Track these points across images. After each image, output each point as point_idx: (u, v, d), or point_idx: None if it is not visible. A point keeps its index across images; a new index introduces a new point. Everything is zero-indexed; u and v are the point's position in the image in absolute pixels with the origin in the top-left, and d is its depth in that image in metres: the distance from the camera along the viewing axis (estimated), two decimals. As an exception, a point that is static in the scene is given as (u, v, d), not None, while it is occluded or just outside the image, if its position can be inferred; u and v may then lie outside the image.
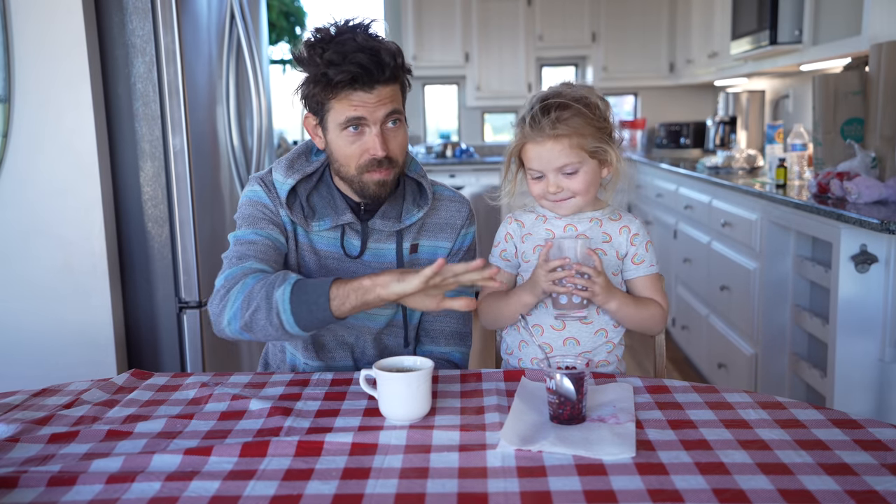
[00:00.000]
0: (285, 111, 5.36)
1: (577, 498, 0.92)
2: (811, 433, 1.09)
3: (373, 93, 1.37)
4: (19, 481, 0.98)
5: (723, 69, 4.46)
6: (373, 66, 1.34)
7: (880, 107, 2.60)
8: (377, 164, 1.41)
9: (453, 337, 1.60)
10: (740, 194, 3.07)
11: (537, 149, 1.36)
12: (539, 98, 1.37)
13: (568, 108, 1.34)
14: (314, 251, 1.51)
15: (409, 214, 1.51)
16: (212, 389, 1.34)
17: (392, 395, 1.17)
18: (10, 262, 2.19)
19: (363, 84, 1.35)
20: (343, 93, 1.37)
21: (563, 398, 1.13)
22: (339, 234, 1.50)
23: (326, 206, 1.49)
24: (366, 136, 1.40)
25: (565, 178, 1.37)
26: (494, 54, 5.65)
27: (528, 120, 1.36)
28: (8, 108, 2.13)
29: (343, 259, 1.52)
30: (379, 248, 1.52)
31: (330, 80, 1.35)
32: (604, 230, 1.43)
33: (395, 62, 1.37)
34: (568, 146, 1.34)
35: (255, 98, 2.67)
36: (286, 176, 1.48)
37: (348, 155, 1.42)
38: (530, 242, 1.44)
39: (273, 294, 1.29)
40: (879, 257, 2.23)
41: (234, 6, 2.57)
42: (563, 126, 1.33)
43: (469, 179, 5.41)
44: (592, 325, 1.42)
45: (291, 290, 1.28)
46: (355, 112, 1.37)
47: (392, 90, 1.39)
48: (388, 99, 1.39)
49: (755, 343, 2.91)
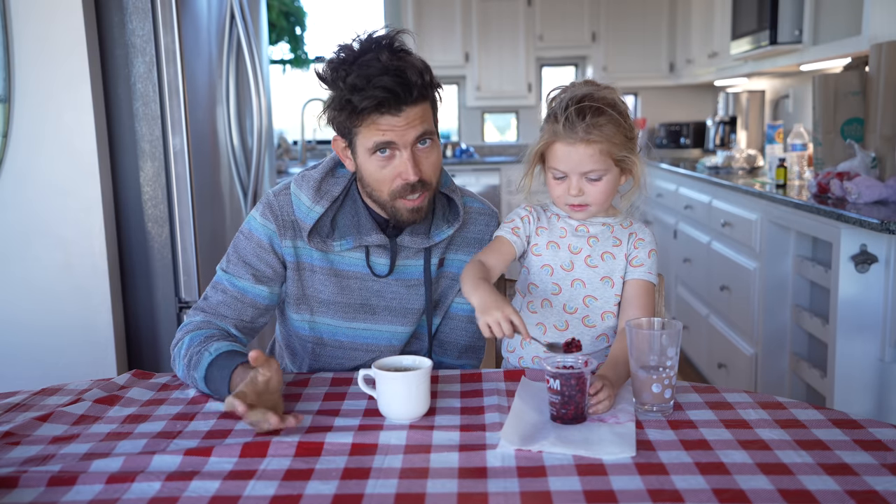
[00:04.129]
0: (285, 111, 5.36)
1: (577, 498, 0.91)
2: (811, 433, 1.09)
3: (401, 115, 1.30)
4: (19, 481, 0.98)
5: (723, 69, 4.46)
6: (399, 88, 1.27)
7: (880, 107, 2.60)
8: (410, 189, 1.34)
9: (466, 350, 1.59)
10: (740, 194, 3.07)
11: (567, 149, 1.34)
12: (574, 99, 1.33)
13: (603, 113, 1.31)
14: (335, 273, 1.46)
15: (438, 230, 1.46)
16: (212, 389, 1.34)
17: (391, 394, 1.16)
18: (10, 262, 2.19)
19: (390, 108, 1.29)
20: (370, 118, 1.30)
21: (565, 398, 1.13)
22: (364, 254, 1.45)
23: (350, 226, 1.43)
24: (396, 159, 1.34)
25: (588, 183, 1.36)
26: (494, 54, 5.65)
27: (563, 120, 1.32)
28: (8, 108, 2.13)
29: (367, 279, 1.46)
30: (406, 264, 1.47)
31: (355, 108, 1.29)
32: (615, 235, 1.44)
33: (422, 80, 1.30)
34: (598, 152, 1.33)
35: (255, 98, 2.67)
36: (314, 201, 1.41)
37: (379, 180, 1.35)
38: (544, 236, 1.44)
39: (194, 375, 1.32)
40: (879, 257, 2.23)
41: (234, 6, 2.57)
42: (597, 132, 1.31)
43: (469, 179, 5.41)
44: (595, 329, 1.43)
45: (203, 378, 1.30)
46: (384, 137, 1.31)
47: (422, 110, 1.32)
48: (417, 120, 1.32)
49: (755, 343, 2.91)
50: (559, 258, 1.42)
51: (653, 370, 1.18)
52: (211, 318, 1.42)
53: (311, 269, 1.46)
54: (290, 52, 5.20)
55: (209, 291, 1.45)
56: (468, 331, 1.57)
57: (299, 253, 1.46)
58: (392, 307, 1.49)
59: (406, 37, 1.36)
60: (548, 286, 1.43)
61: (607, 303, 1.42)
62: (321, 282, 1.46)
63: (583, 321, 1.42)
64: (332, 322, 1.49)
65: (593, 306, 1.41)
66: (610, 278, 1.41)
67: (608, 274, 1.41)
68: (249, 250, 1.45)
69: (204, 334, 1.37)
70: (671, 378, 1.17)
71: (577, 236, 1.42)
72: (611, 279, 1.41)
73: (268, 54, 3.05)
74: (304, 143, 5.25)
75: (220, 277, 1.46)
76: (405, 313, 1.49)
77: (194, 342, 1.36)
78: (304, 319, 1.50)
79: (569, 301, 1.41)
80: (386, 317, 1.49)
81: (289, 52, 5.20)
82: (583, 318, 1.42)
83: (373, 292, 1.47)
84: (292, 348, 1.57)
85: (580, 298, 1.41)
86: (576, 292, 1.41)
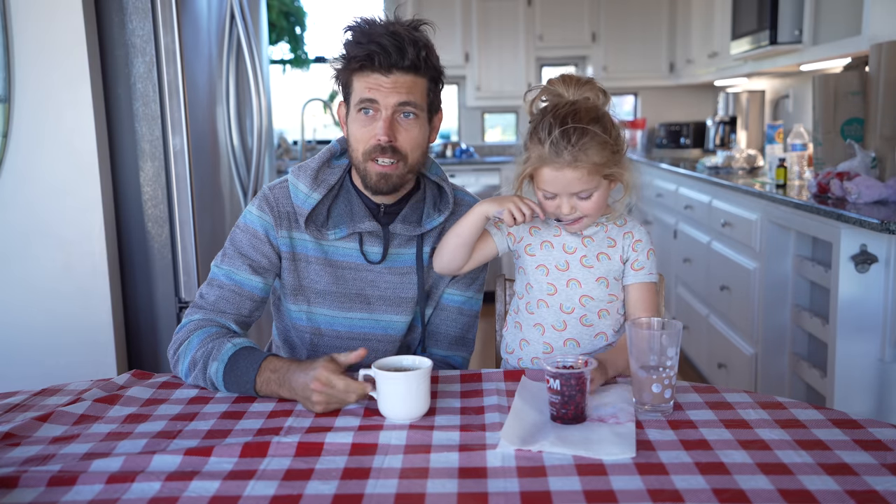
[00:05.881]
0: (285, 111, 5.36)
1: (577, 498, 0.92)
2: (811, 433, 1.09)
3: (389, 77, 1.36)
4: (19, 481, 0.98)
5: (723, 69, 4.45)
6: (392, 48, 1.34)
7: (880, 107, 2.60)
8: (381, 150, 1.39)
9: (456, 341, 1.60)
10: (740, 194, 3.07)
11: (554, 174, 1.33)
12: (557, 119, 1.31)
13: (587, 133, 1.30)
14: (329, 263, 1.49)
15: (429, 218, 1.50)
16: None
17: (392, 394, 1.17)
18: (10, 262, 2.19)
19: (381, 66, 1.35)
20: (362, 72, 1.37)
21: (565, 398, 1.13)
22: (357, 242, 1.49)
23: (343, 214, 1.47)
24: (376, 122, 1.39)
25: (580, 201, 1.36)
26: (494, 54, 5.64)
27: (548, 145, 1.31)
28: (8, 108, 2.13)
29: (361, 268, 1.49)
30: (399, 252, 1.50)
31: (349, 58, 1.37)
32: (609, 235, 1.44)
33: (418, 53, 1.36)
34: (587, 173, 1.32)
35: (255, 98, 2.67)
36: (311, 188, 1.46)
37: (358, 139, 1.41)
38: (538, 236, 1.44)
39: (208, 368, 1.32)
40: (879, 257, 2.23)
41: (234, 6, 2.57)
42: (584, 156, 1.30)
43: (469, 179, 5.41)
44: (593, 329, 1.43)
45: (224, 368, 1.31)
46: (369, 94, 1.37)
47: (412, 81, 1.38)
48: (403, 88, 1.37)
49: (755, 343, 2.91)
50: (553, 258, 1.42)
51: (653, 370, 1.18)
52: (211, 314, 1.43)
53: (307, 259, 1.49)
54: (290, 52, 5.20)
55: (205, 289, 1.46)
56: (459, 322, 1.59)
57: (295, 244, 1.49)
58: (386, 296, 1.51)
59: (426, 26, 1.42)
60: (543, 286, 1.43)
61: (603, 301, 1.42)
62: (316, 272, 1.49)
63: (580, 321, 1.42)
64: (329, 312, 1.51)
65: (590, 305, 1.41)
66: (605, 279, 1.41)
67: (604, 275, 1.41)
68: (245, 241, 1.47)
69: (213, 331, 1.38)
70: (671, 378, 1.17)
71: (572, 236, 1.42)
72: (606, 280, 1.42)
73: (268, 54, 3.05)
74: (304, 143, 5.25)
75: (215, 273, 1.47)
76: (399, 302, 1.51)
77: (207, 336, 1.37)
78: (301, 310, 1.52)
79: (565, 301, 1.41)
80: (381, 306, 1.51)
81: (289, 52, 5.20)
82: (580, 318, 1.42)
83: (367, 282, 1.50)
84: (290, 342, 1.59)
85: (577, 298, 1.41)
86: (572, 292, 1.41)
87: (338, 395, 1.20)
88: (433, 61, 1.41)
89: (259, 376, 1.28)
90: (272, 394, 1.28)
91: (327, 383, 1.20)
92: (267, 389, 1.28)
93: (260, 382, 1.28)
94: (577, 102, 1.34)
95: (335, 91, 1.48)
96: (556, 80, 1.39)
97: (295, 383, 1.23)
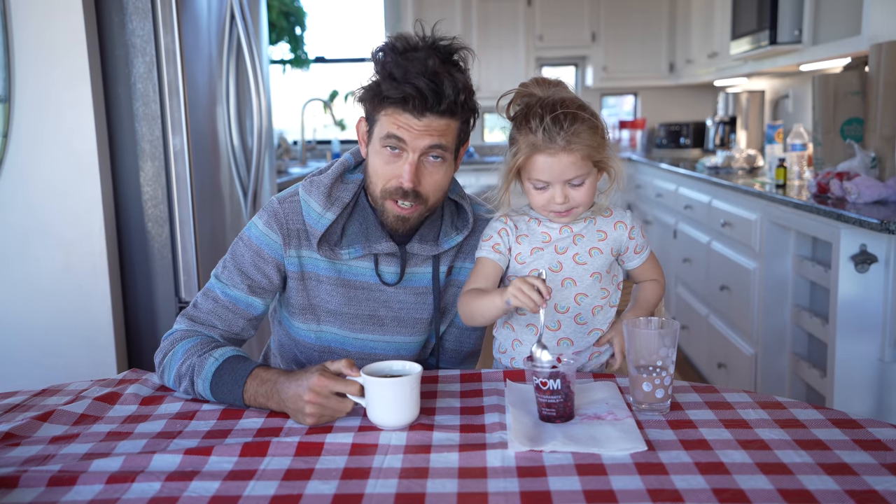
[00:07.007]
0: (285, 111, 5.36)
1: (577, 498, 0.92)
2: (811, 433, 1.09)
3: (422, 120, 1.29)
4: (19, 481, 0.98)
5: (723, 69, 4.46)
6: (430, 93, 1.27)
7: (880, 107, 2.61)
8: (402, 194, 1.33)
9: (470, 356, 1.59)
10: (740, 194, 3.07)
11: (549, 160, 1.33)
12: (547, 107, 1.32)
13: (578, 119, 1.31)
14: (342, 283, 1.43)
15: (447, 238, 1.45)
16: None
17: (382, 400, 1.13)
18: (10, 262, 2.19)
19: (414, 108, 1.28)
20: (392, 109, 1.30)
21: (564, 396, 1.13)
22: (373, 262, 1.43)
23: (358, 233, 1.41)
24: (402, 161, 1.33)
25: (572, 189, 1.36)
26: (494, 54, 5.64)
27: (540, 132, 1.31)
28: (8, 108, 2.13)
29: (375, 289, 1.44)
30: (415, 272, 1.46)
31: (382, 95, 1.29)
32: (598, 228, 1.44)
33: (456, 97, 1.29)
34: (580, 158, 1.33)
35: (255, 98, 2.67)
36: (325, 207, 1.38)
37: (380, 174, 1.35)
38: (527, 244, 1.43)
39: (195, 385, 1.28)
40: (879, 257, 2.23)
41: (234, 6, 2.57)
42: (577, 139, 1.31)
43: (469, 179, 5.41)
44: (586, 326, 1.42)
45: (210, 387, 1.27)
46: (397, 131, 1.30)
47: (445, 125, 1.31)
48: (436, 132, 1.31)
49: (755, 343, 2.91)
50: (546, 261, 1.41)
51: (649, 369, 1.18)
52: (198, 327, 1.38)
53: (318, 278, 1.43)
54: (290, 52, 5.19)
55: (199, 298, 1.41)
56: (473, 337, 1.57)
57: (304, 262, 1.43)
58: (400, 317, 1.47)
59: (466, 53, 1.35)
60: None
61: (597, 297, 1.42)
62: (328, 292, 1.44)
63: (575, 319, 1.41)
64: (340, 332, 1.46)
65: (584, 303, 1.41)
66: (599, 273, 1.41)
67: (597, 269, 1.41)
68: (247, 259, 1.41)
69: (197, 342, 1.34)
70: (664, 378, 1.18)
71: (562, 237, 1.42)
72: (599, 274, 1.41)
73: (268, 54, 3.05)
74: (304, 143, 5.25)
75: (212, 285, 1.42)
76: (413, 323, 1.48)
77: (192, 346, 1.33)
78: (310, 329, 1.47)
79: (560, 301, 1.41)
80: (394, 327, 1.47)
81: (289, 52, 5.20)
82: (575, 317, 1.41)
83: (380, 302, 1.45)
84: (293, 358, 1.54)
85: (571, 297, 1.41)
86: (567, 292, 1.41)
87: (333, 406, 1.15)
88: (470, 104, 1.34)
89: (245, 392, 1.24)
90: (261, 407, 1.23)
91: (324, 393, 1.15)
92: (255, 403, 1.23)
93: (247, 397, 1.24)
94: (559, 94, 1.36)
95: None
96: (528, 82, 1.40)
97: (285, 395, 1.18)
